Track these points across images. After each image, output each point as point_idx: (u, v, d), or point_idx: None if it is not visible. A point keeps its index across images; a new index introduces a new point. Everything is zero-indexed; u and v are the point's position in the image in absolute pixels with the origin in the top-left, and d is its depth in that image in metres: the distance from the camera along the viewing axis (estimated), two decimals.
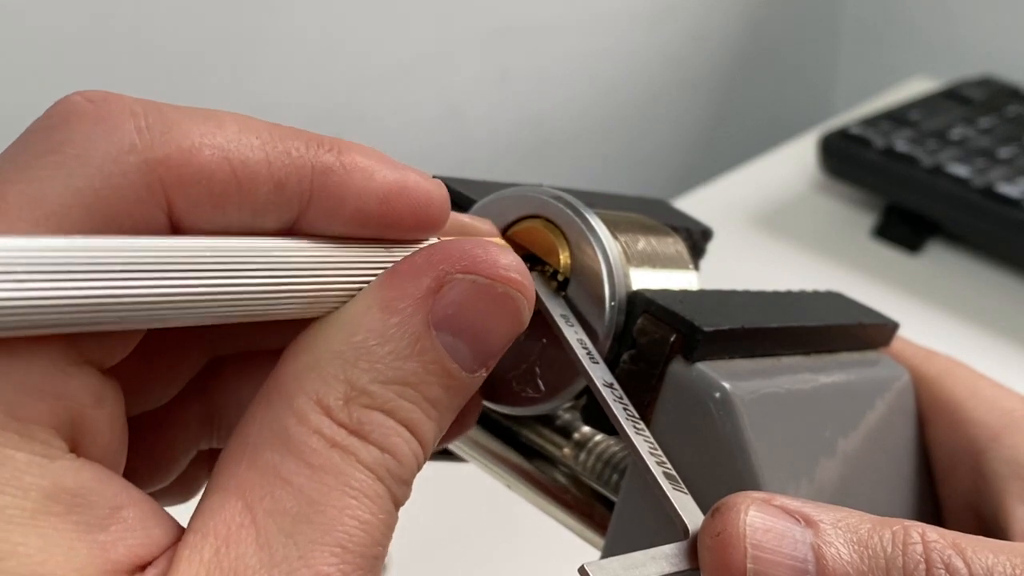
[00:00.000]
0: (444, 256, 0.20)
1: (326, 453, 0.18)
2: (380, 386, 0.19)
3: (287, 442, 0.18)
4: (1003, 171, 0.72)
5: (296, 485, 0.18)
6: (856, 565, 0.19)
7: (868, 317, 0.29)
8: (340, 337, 0.19)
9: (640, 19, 0.85)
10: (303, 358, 0.19)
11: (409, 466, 0.19)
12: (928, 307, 0.68)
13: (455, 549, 0.52)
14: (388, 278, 0.20)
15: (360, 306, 0.19)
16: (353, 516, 0.18)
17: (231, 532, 0.17)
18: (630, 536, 0.23)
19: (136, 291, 0.17)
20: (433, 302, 0.19)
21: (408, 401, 0.19)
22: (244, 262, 0.18)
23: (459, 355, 0.19)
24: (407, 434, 0.19)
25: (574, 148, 0.84)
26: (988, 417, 0.27)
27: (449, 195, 0.21)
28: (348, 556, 0.18)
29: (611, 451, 0.26)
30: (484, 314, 0.20)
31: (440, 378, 0.19)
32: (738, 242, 0.74)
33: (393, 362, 0.19)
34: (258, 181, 0.19)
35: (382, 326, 0.19)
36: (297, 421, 0.18)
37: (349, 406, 0.18)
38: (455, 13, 0.72)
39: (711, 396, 0.22)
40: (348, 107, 0.68)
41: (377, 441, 0.18)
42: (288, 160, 0.19)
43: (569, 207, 0.24)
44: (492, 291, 0.20)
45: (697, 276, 0.27)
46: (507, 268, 0.20)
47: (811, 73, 1.04)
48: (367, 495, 0.18)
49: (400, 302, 0.19)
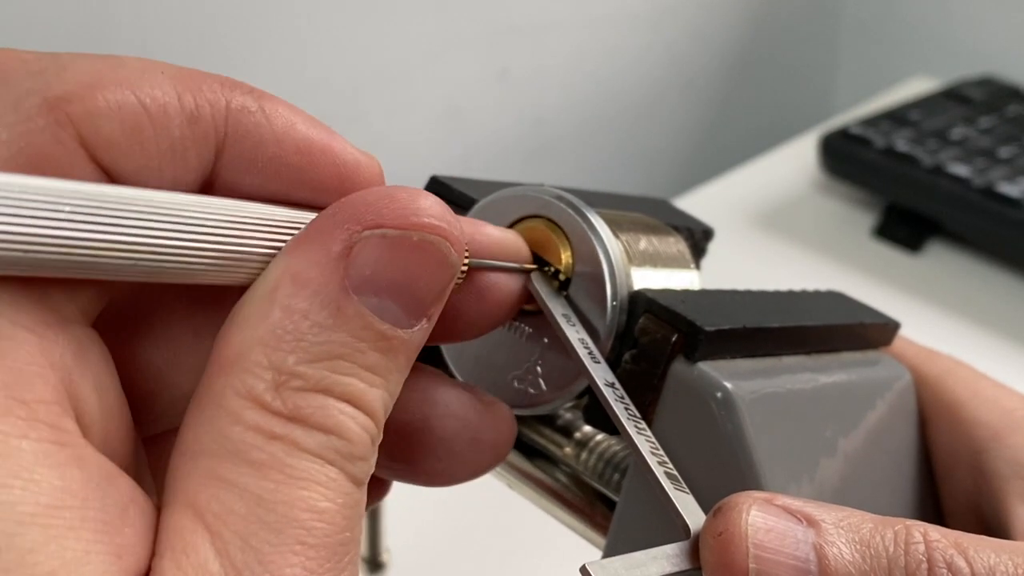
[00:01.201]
0: (350, 213, 0.18)
1: (267, 448, 0.17)
2: (309, 365, 0.17)
3: (225, 445, 0.17)
4: (1003, 171, 0.72)
5: (243, 487, 0.17)
6: (858, 565, 0.19)
7: (869, 317, 0.29)
8: (256, 320, 0.18)
9: (640, 19, 0.85)
10: (226, 352, 0.18)
11: (360, 442, 0.18)
12: (928, 307, 0.68)
13: (455, 549, 0.52)
14: (295, 245, 0.18)
15: (271, 281, 0.18)
16: (307, 508, 0.17)
17: (187, 543, 0.16)
18: (631, 536, 0.23)
19: (19, 230, 0.16)
20: (346, 265, 0.18)
21: (343, 375, 0.18)
22: (148, 212, 0.17)
23: (389, 314, 0.18)
24: (350, 409, 0.18)
25: (575, 148, 0.84)
26: (989, 417, 0.27)
27: (383, 172, 0.20)
28: (311, 551, 0.17)
29: (612, 451, 0.26)
30: (405, 267, 0.18)
31: (374, 343, 0.18)
32: (739, 242, 0.74)
33: (317, 337, 0.17)
34: (169, 113, 0.18)
35: (296, 300, 0.18)
36: (231, 421, 0.17)
37: (281, 393, 0.17)
38: (455, 13, 0.72)
39: (713, 396, 0.22)
40: (348, 107, 0.68)
41: (319, 424, 0.17)
42: (200, 95, 0.18)
43: (571, 207, 0.24)
44: (407, 242, 0.18)
45: (698, 276, 0.27)
46: (418, 213, 0.18)
47: (811, 73, 1.04)
48: (318, 482, 0.17)
49: (311, 271, 0.18)
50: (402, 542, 0.38)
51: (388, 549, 0.37)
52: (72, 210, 0.16)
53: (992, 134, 0.78)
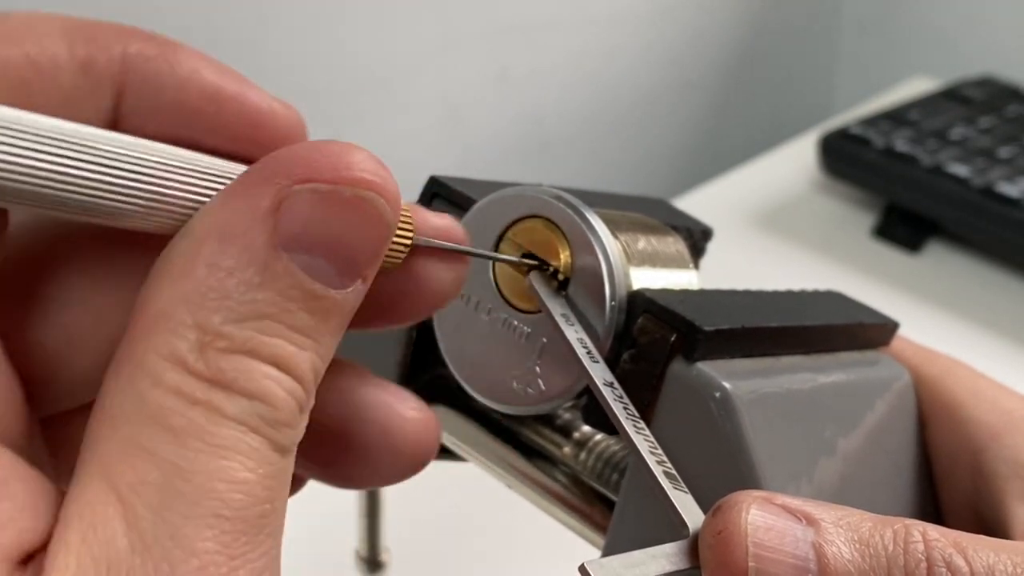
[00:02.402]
0: (279, 166, 0.17)
1: (188, 413, 0.16)
2: (235, 325, 0.16)
3: (144, 409, 0.16)
4: (1003, 171, 0.72)
5: (160, 455, 0.16)
6: (857, 563, 0.19)
7: (868, 317, 0.29)
8: (180, 277, 0.17)
9: (640, 19, 0.85)
10: (148, 310, 0.17)
11: (286, 408, 0.17)
12: (928, 307, 0.68)
13: (455, 549, 0.52)
14: (222, 199, 0.17)
15: (197, 235, 0.17)
16: (226, 479, 0.16)
17: (96, 517, 0.15)
18: (630, 535, 0.23)
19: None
20: (275, 221, 0.17)
21: (271, 336, 0.17)
22: (68, 141, 0.16)
23: (320, 273, 0.17)
24: (277, 372, 0.17)
25: (574, 148, 0.84)
26: (988, 417, 0.27)
27: (306, 125, 0.19)
28: (228, 524, 0.16)
29: (611, 450, 0.26)
30: (336, 224, 0.17)
31: (303, 303, 0.17)
32: (738, 242, 0.74)
33: (244, 295, 0.17)
34: (59, 65, 0.17)
35: (223, 257, 0.17)
36: (152, 383, 0.16)
37: (205, 354, 0.16)
38: (455, 13, 0.72)
39: (711, 396, 0.22)
40: (348, 107, 0.68)
41: (243, 388, 0.16)
42: (93, 45, 0.18)
43: (569, 207, 0.24)
44: (338, 197, 0.17)
45: (697, 276, 0.27)
46: (351, 167, 0.17)
47: (811, 73, 1.04)
48: (240, 451, 0.16)
49: (238, 226, 0.17)
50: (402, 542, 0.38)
51: (388, 549, 0.37)
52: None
53: (992, 134, 0.78)
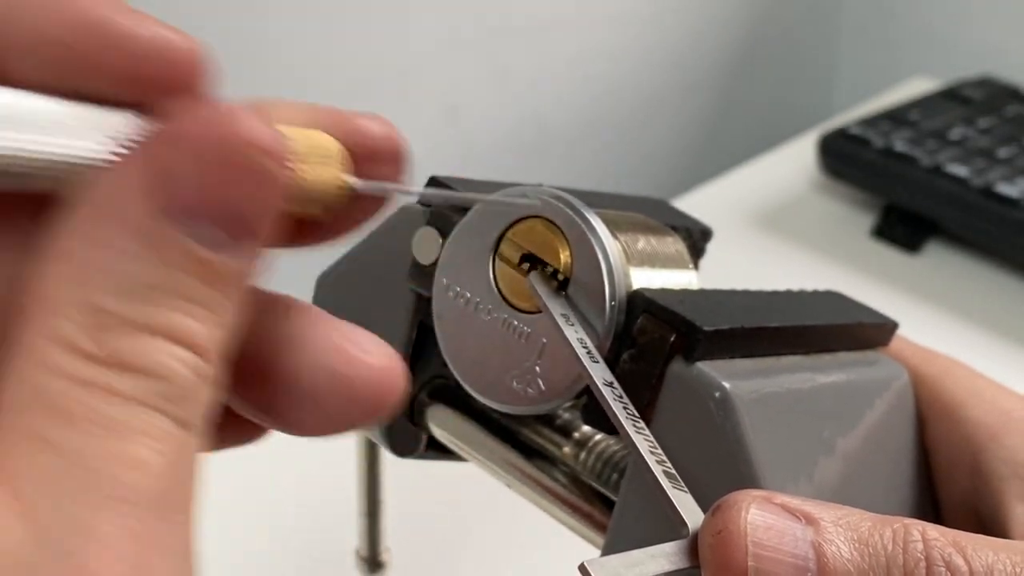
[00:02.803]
0: (156, 132, 0.16)
1: (82, 397, 0.15)
2: (123, 301, 0.16)
3: (36, 396, 0.15)
4: (1002, 171, 0.72)
5: (56, 443, 0.15)
6: (857, 563, 0.19)
7: (867, 317, 0.29)
8: (63, 255, 0.16)
9: (640, 19, 0.85)
10: (34, 293, 0.16)
11: (187, 383, 0.16)
12: (927, 307, 0.68)
13: (455, 549, 0.52)
14: (97, 169, 0.16)
15: (74, 210, 0.16)
16: (126, 462, 0.15)
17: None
18: (630, 535, 0.23)
19: None
20: (153, 188, 0.16)
21: (162, 308, 0.16)
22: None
23: (208, 239, 0.16)
24: (172, 346, 0.16)
25: (574, 148, 0.84)
26: (987, 417, 0.27)
27: (204, 58, 0.18)
28: (132, 508, 0.15)
29: (611, 450, 0.26)
30: (220, 186, 0.16)
31: (195, 272, 0.16)
32: (738, 242, 0.74)
33: (128, 268, 0.16)
34: None
35: (101, 230, 0.16)
36: (43, 370, 0.15)
37: (95, 335, 0.15)
38: (455, 13, 0.72)
39: (711, 396, 0.22)
40: (348, 107, 0.68)
41: (138, 366, 0.16)
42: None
43: (569, 207, 0.24)
44: (219, 158, 0.16)
45: (697, 276, 0.27)
46: (225, 124, 0.16)
47: (811, 73, 1.04)
48: (140, 431, 0.15)
49: (114, 196, 0.16)
50: (402, 542, 0.38)
51: (388, 549, 0.37)
52: None
53: (991, 134, 0.78)
